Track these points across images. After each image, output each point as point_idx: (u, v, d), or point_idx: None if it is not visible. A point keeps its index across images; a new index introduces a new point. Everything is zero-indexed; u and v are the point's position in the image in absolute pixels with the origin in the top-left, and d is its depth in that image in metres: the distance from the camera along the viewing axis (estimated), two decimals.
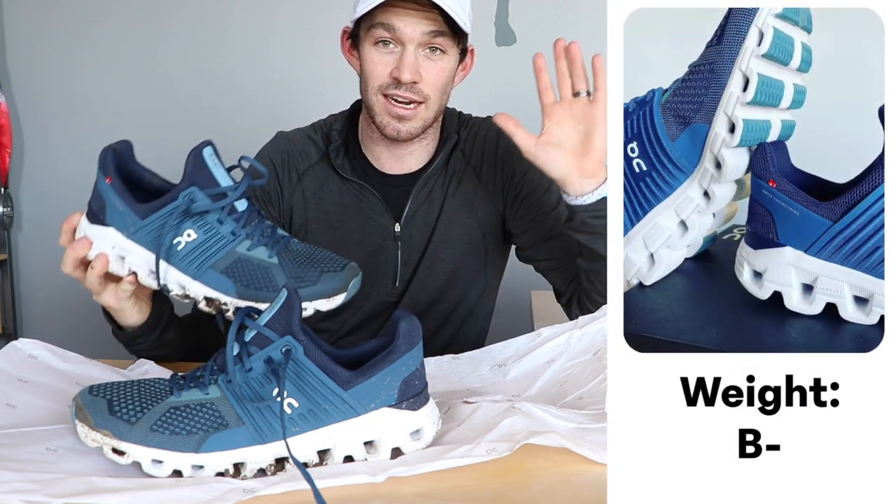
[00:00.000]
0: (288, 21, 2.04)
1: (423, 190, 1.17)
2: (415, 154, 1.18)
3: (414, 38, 1.04)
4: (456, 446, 0.69)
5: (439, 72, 1.07)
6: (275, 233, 0.83)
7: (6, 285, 2.24)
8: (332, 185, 1.17)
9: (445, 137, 1.19)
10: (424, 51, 1.06)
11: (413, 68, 1.05)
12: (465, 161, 1.20)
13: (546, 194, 1.18)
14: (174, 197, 0.78)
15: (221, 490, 0.64)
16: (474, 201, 1.19)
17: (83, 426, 0.68)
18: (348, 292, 0.82)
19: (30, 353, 0.86)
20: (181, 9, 2.11)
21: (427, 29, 1.04)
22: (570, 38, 1.37)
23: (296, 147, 1.19)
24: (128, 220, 0.80)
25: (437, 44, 1.05)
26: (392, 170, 1.19)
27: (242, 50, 2.08)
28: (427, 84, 1.07)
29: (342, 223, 1.17)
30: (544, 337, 0.94)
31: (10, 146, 2.17)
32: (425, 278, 1.19)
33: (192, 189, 0.78)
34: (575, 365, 0.88)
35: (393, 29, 1.04)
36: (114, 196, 0.80)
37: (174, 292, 0.81)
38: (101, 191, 0.80)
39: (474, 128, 1.21)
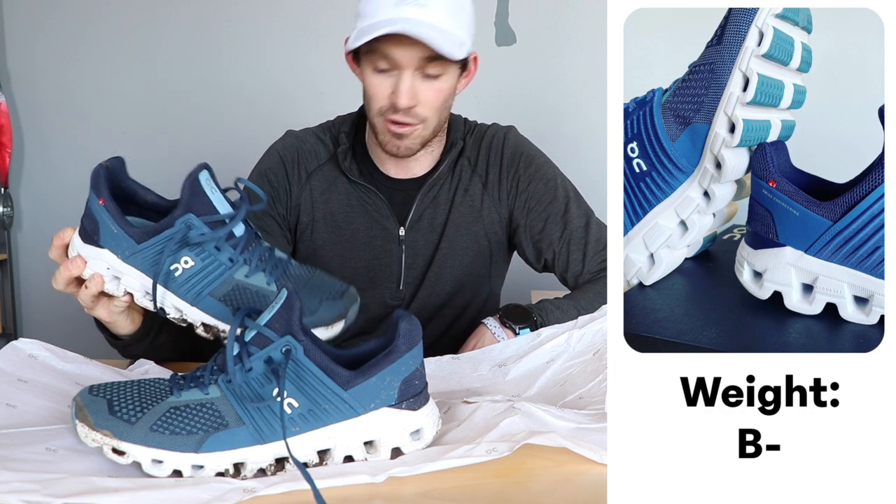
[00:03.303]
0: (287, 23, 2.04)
1: (429, 195, 1.18)
2: (419, 161, 1.19)
3: (410, 64, 1.05)
4: (456, 446, 0.69)
5: (436, 93, 1.08)
6: (272, 256, 0.81)
7: (6, 285, 2.24)
8: (339, 187, 1.18)
9: (451, 143, 1.19)
10: (422, 74, 1.06)
11: (410, 93, 1.06)
12: (471, 169, 1.20)
13: (552, 204, 1.18)
14: (171, 223, 0.76)
15: (221, 490, 0.64)
16: (481, 209, 1.20)
17: (83, 426, 0.68)
18: (347, 319, 0.82)
19: (30, 353, 0.86)
20: (181, 10, 2.11)
21: (422, 55, 1.04)
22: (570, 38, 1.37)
23: (305, 146, 1.20)
24: (123, 243, 0.78)
25: (432, 68, 1.06)
26: (397, 174, 1.20)
27: (242, 51, 2.08)
28: (424, 106, 1.08)
29: (348, 224, 1.18)
30: (544, 337, 0.94)
31: (10, 146, 2.17)
32: (434, 285, 1.20)
33: (189, 216, 0.76)
34: (575, 365, 0.89)
35: (389, 57, 1.05)
36: (108, 218, 0.78)
37: (171, 315, 0.80)
38: (95, 212, 0.78)
39: (479, 134, 1.22)
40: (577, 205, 1.20)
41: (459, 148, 1.20)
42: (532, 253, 1.21)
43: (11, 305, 2.25)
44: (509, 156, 1.20)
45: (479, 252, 1.21)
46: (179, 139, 2.14)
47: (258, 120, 2.08)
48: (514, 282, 1.40)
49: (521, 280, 1.43)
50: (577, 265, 1.17)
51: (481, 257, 1.21)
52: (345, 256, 1.18)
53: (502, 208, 1.20)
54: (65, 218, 2.24)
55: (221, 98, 2.11)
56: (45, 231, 2.24)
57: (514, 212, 1.20)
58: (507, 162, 1.20)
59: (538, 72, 1.95)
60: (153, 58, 2.14)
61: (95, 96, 2.17)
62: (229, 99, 2.11)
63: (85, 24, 2.15)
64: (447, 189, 1.19)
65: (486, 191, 1.20)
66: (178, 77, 2.14)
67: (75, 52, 2.16)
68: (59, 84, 2.19)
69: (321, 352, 0.68)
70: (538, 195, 1.19)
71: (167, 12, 2.11)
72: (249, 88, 2.10)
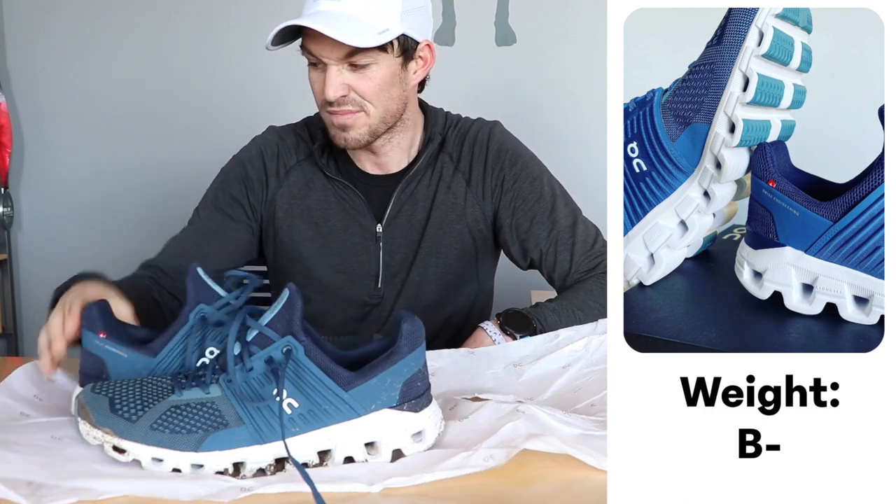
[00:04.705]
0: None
1: (406, 191, 1.17)
2: (390, 156, 1.17)
3: (332, 57, 1.04)
4: (454, 452, 0.69)
5: (369, 82, 1.07)
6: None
7: (6, 285, 2.24)
8: (317, 183, 1.18)
9: (429, 138, 1.17)
10: (350, 66, 1.06)
11: (335, 86, 1.05)
12: (454, 165, 1.18)
13: (538, 203, 1.16)
14: (185, 320, 0.78)
15: (219, 487, 0.64)
16: (464, 207, 1.18)
17: (85, 423, 0.68)
18: None
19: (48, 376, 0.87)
20: (181, 10, 2.11)
21: (342, 52, 1.04)
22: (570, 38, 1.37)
23: (285, 142, 1.20)
24: (138, 364, 0.78)
25: (359, 58, 1.05)
26: (373, 170, 1.18)
27: (242, 51, 2.08)
28: (359, 94, 1.07)
29: (325, 220, 1.18)
30: (562, 339, 0.94)
31: (10, 146, 2.17)
32: (419, 284, 1.18)
33: (200, 306, 0.78)
34: (591, 372, 0.88)
35: (313, 52, 1.05)
36: (113, 349, 0.78)
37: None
38: (96, 350, 0.78)
39: (462, 129, 1.20)
40: (564, 203, 1.18)
41: (438, 142, 1.18)
42: (518, 252, 1.19)
43: (11, 305, 2.25)
44: (494, 153, 1.17)
45: (464, 250, 1.19)
46: (179, 139, 2.14)
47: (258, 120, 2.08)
48: (514, 282, 1.40)
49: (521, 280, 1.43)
50: (564, 265, 1.16)
51: (467, 255, 1.20)
52: (322, 253, 1.18)
53: (486, 206, 1.18)
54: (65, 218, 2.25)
55: (221, 98, 2.11)
56: (45, 231, 2.24)
57: (499, 210, 1.18)
58: (492, 159, 1.17)
59: (538, 72, 1.95)
60: (153, 58, 2.14)
61: (95, 96, 2.17)
62: (229, 99, 2.11)
63: (85, 24, 2.15)
64: (427, 185, 1.17)
65: (470, 188, 1.18)
66: (177, 77, 2.14)
67: (75, 52, 2.16)
68: (59, 84, 2.19)
69: (322, 352, 0.68)
70: (524, 194, 1.17)
71: (167, 12, 2.11)
72: (249, 88, 2.10)
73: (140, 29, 2.13)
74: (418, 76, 1.13)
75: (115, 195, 2.17)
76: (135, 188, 2.16)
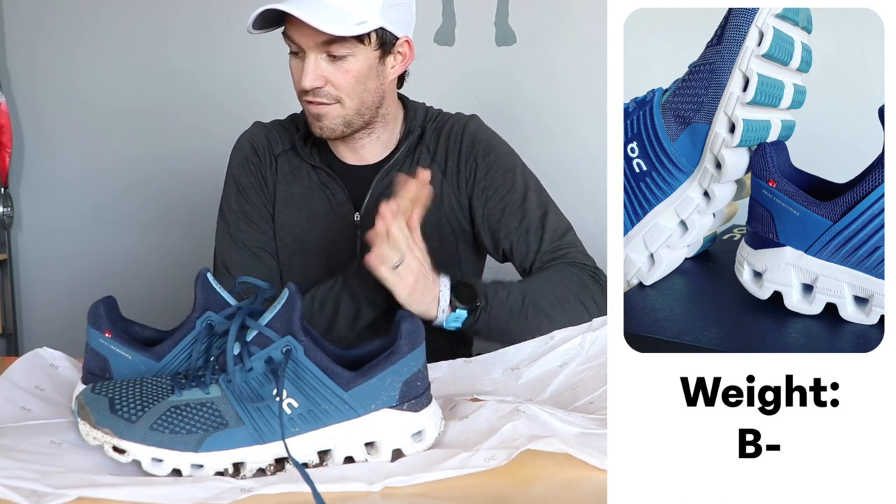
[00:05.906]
0: None
1: (384, 181, 1.18)
2: (368, 147, 1.19)
3: (310, 45, 1.06)
4: (455, 452, 0.69)
5: (345, 74, 1.08)
6: None
7: (6, 285, 2.24)
8: (302, 170, 1.21)
9: (409, 130, 1.20)
10: (327, 56, 1.07)
11: (313, 75, 1.07)
12: (430, 157, 1.20)
13: (510, 193, 1.17)
14: (192, 327, 0.78)
15: (219, 489, 0.64)
16: (441, 197, 1.19)
17: (84, 424, 0.68)
18: None
19: (51, 363, 0.87)
20: (181, 10, 2.10)
21: (320, 39, 1.05)
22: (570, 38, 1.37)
23: (271, 134, 1.24)
24: (142, 367, 0.77)
25: (336, 49, 1.06)
26: (351, 161, 1.21)
27: (242, 50, 2.08)
28: (335, 86, 1.09)
29: (308, 207, 1.20)
30: (557, 340, 0.94)
31: (10, 146, 2.17)
32: None
33: (208, 313, 0.78)
34: (588, 369, 0.88)
35: (293, 40, 1.07)
36: (118, 348, 0.77)
37: None
38: (100, 349, 0.77)
39: (440, 122, 1.22)
40: (536, 195, 1.18)
41: (417, 135, 1.20)
42: (490, 242, 1.20)
43: (11, 305, 2.25)
44: (468, 144, 1.19)
45: (443, 239, 1.20)
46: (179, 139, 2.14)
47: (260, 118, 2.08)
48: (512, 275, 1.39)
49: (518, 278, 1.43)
50: (532, 255, 1.16)
51: (446, 244, 1.21)
52: (304, 239, 1.20)
53: (462, 197, 1.20)
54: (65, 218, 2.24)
55: (222, 98, 2.11)
56: (45, 231, 2.24)
57: (472, 200, 1.20)
58: (466, 150, 1.19)
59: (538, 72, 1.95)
60: (153, 58, 2.14)
61: (95, 96, 2.17)
62: (230, 99, 2.11)
63: (85, 24, 2.15)
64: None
65: (446, 178, 1.19)
66: (177, 77, 2.14)
67: (75, 52, 2.16)
68: (59, 84, 2.19)
69: (322, 352, 0.68)
70: (496, 184, 1.18)
71: (167, 12, 2.11)
72: (250, 88, 2.10)
73: (140, 29, 2.13)
74: (396, 71, 1.14)
75: (115, 195, 2.17)
76: (135, 188, 2.16)
